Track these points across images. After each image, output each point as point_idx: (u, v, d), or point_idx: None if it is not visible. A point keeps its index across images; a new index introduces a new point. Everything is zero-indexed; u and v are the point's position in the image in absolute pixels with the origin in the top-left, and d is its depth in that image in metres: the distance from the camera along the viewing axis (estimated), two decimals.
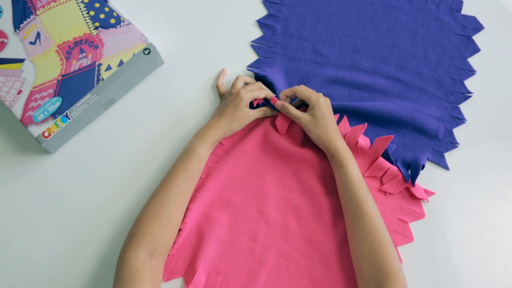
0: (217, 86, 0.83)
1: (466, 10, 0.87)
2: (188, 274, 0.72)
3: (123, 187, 0.78)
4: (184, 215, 0.73)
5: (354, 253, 0.68)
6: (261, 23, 0.89)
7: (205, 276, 0.72)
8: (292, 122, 0.79)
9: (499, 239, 0.73)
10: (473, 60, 0.84)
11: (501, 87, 0.83)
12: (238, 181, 0.77)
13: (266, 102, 0.79)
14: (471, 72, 0.83)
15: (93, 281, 0.73)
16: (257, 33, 0.89)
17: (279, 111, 0.78)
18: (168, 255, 0.72)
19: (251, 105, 0.79)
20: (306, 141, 0.78)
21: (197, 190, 0.76)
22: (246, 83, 0.82)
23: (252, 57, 0.87)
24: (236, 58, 0.87)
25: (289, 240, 0.74)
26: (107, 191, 0.78)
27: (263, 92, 0.77)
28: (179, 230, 0.72)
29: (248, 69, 0.85)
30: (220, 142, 0.79)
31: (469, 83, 0.82)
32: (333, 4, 0.90)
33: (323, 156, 0.77)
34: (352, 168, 0.71)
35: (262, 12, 0.90)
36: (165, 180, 0.71)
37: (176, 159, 0.74)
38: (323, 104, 0.74)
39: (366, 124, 0.77)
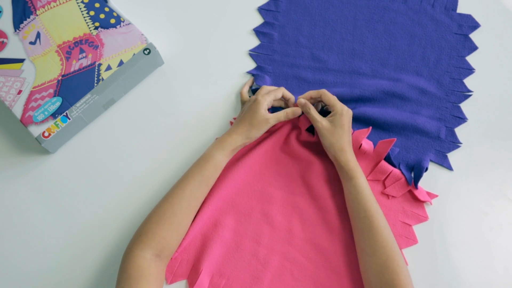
0: (241, 93, 0.82)
1: (461, 9, 0.88)
2: (192, 276, 0.71)
3: (123, 187, 0.78)
4: None
5: (363, 266, 0.67)
6: (257, 31, 0.89)
7: (209, 278, 0.71)
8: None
9: (499, 239, 0.73)
10: (471, 59, 0.84)
11: (500, 84, 0.83)
12: (243, 183, 0.77)
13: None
14: (470, 70, 0.83)
15: (93, 282, 0.73)
16: (255, 41, 0.88)
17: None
18: (171, 258, 0.71)
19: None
20: (312, 144, 0.78)
21: None
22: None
23: (251, 64, 0.86)
24: (236, 59, 0.87)
25: (293, 243, 0.73)
26: (107, 191, 0.78)
27: (280, 91, 0.75)
28: None
29: (248, 72, 0.86)
30: None
31: (468, 81, 0.83)
32: (329, 9, 0.90)
33: (327, 159, 0.76)
34: (362, 181, 0.70)
35: (258, 19, 0.90)
36: (179, 184, 0.71)
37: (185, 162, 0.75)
38: (345, 115, 0.73)
39: (370, 128, 0.77)
